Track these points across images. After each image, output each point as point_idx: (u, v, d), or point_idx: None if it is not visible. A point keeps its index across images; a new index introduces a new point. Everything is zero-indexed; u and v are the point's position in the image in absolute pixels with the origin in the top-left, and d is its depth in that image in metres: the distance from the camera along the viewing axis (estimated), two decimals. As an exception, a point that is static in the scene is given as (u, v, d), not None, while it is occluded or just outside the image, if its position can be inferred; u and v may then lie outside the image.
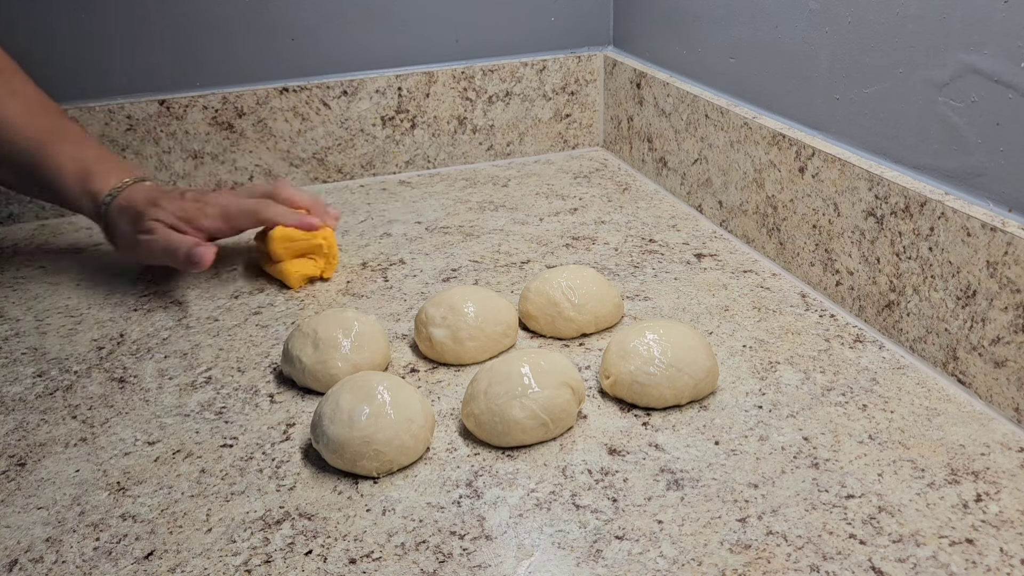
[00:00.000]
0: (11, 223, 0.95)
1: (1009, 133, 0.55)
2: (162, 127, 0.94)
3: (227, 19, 0.94)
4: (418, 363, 0.65)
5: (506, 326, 0.65)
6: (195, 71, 0.95)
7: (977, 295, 0.57)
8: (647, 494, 0.50)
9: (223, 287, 0.78)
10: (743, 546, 0.46)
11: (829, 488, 0.50)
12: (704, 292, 0.74)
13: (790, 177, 0.74)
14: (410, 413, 0.53)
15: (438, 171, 1.06)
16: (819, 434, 0.55)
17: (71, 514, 0.51)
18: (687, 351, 0.58)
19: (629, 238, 0.85)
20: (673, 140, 0.93)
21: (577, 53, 1.07)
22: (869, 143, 0.67)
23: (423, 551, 0.47)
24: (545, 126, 1.09)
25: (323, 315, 0.63)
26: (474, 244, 0.85)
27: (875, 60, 0.65)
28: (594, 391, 0.61)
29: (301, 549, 0.47)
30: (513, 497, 0.51)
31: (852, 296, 0.69)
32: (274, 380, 0.63)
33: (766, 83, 0.79)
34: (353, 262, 0.82)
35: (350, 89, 0.99)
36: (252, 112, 0.96)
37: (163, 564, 0.47)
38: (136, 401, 0.62)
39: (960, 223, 0.57)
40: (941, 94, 0.60)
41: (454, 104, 1.03)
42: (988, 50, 0.55)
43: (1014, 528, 0.47)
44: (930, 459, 0.52)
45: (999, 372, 0.56)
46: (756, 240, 0.80)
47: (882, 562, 0.45)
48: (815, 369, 0.62)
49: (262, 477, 0.53)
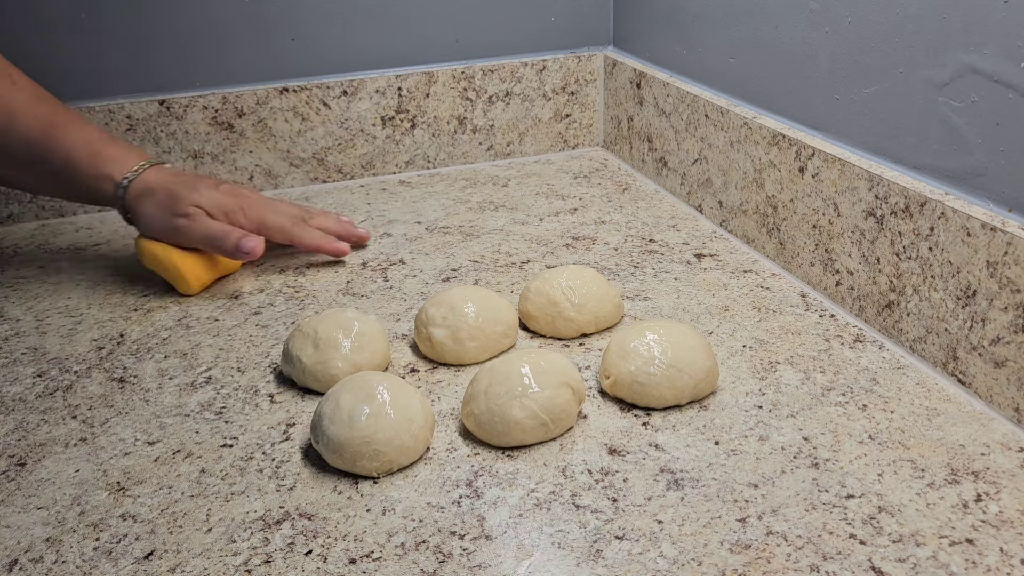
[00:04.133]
0: (11, 223, 0.95)
1: (1009, 133, 0.55)
2: (162, 127, 0.94)
3: (227, 19, 0.94)
4: (418, 363, 0.65)
5: (506, 326, 0.65)
6: (195, 71, 0.95)
7: (977, 295, 0.57)
8: (647, 494, 0.50)
9: (223, 287, 0.78)
10: (743, 546, 0.46)
11: (829, 488, 0.50)
12: (704, 292, 0.74)
13: (790, 177, 0.74)
14: (410, 413, 0.53)
15: (438, 171, 1.06)
16: (819, 434, 0.55)
17: (71, 514, 0.51)
18: (687, 351, 0.58)
19: (629, 238, 0.85)
20: (673, 140, 0.93)
21: (577, 53, 1.07)
22: (869, 143, 0.67)
23: (423, 551, 0.47)
24: (545, 126, 1.09)
25: (323, 315, 0.63)
26: (474, 244, 0.85)
27: (875, 60, 0.65)
28: (594, 391, 0.61)
29: (301, 549, 0.47)
30: (513, 497, 0.51)
31: (852, 296, 0.69)
32: (274, 380, 0.63)
33: (766, 83, 0.79)
34: (353, 262, 0.82)
35: (350, 89, 0.99)
36: (252, 112, 0.96)
37: (163, 564, 0.47)
38: (136, 401, 0.62)
39: (960, 223, 0.57)
40: (941, 94, 0.60)
41: (454, 104, 1.03)
42: (988, 50, 0.55)
43: (1014, 528, 0.47)
44: (930, 459, 0.52)
45: (999, 372, 0.56)
46: (756, 240, 0.80)
47: (882, 562, 0.45)
48: (815, 369, 0.62)
49: (262, 477, 0.53)
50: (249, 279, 0.79)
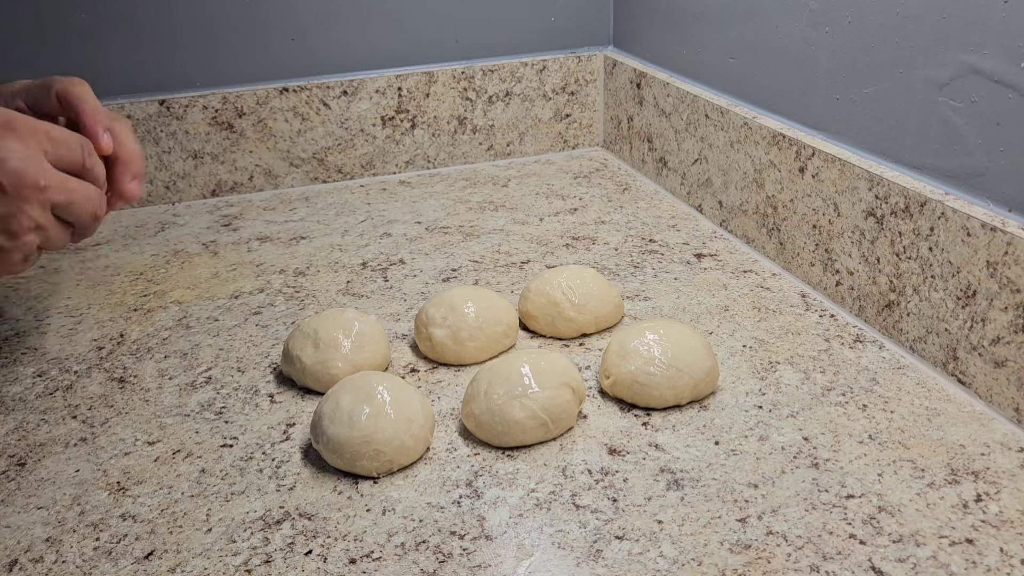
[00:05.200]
0: (11, 223, 0.95)
1: (1009, 133, 0.55)
2: (162, 127, 0.94)
3: (227, 19, 0.94)
4: (418, 363, 0.65)
5: (506, 326, 0.65)
6: (195, 71, 0.95)
7: (977, 295, 0.57)
8: (647, 494, 0.50)
9: (223, 287, 0.78)
10: (743, 546, 0.46)
11: (829, 488, 0.50)
12: (704, 292, 0.74)
13: (790, 177, 0.74)
14: (410, 413, 0.53)
15: (438, 171, 1.06)
16: (819, 434, 0.55)
17: (71, 514, 0.51)
18: (687, 351, 0.58)
19: (629, 238, 0.85)
20: (673, 140, 0.93)
21: (577, 53, 1.07)
22: (869, 143, 0.67)
23: (423, 551, 0.47)
24: (545, 126, 1.09)
25: (323, 315, 0.63)
26: (474, 244, 0.85)
27: (875, 60, 0.65)
28: (594, 391, 0.61)
29: (301, 549, 0.47)
30: (513, 497, 0.51)
31: (852, 296, 0.69)
32: (274, 380, 0.63)
33: (766, 83, 0.79)
34: (353, 262, 0.82)
35: (350, 89, 0.99)
36: (252, 112, 0.96)
37: (163, 564, 0.47)
38: (136, 401, 0.62)
39: (960, 223, 0.57)
40: (941, 94, 0.60)
41: (454, 104, 1.03)
42: (988, 50, 0.55)
43: (1014, 528, 0.47)
44: (930, 459, 0.52)
45: (999, 372, 0.56)
46: (756, 240, 0.80)
47: (882, 562, 0.45)
48: (815, 369, 0.62)
49: (262, 477, 0.53)
50: (249, 279, 0.79)
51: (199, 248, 0.86)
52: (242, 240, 0.87)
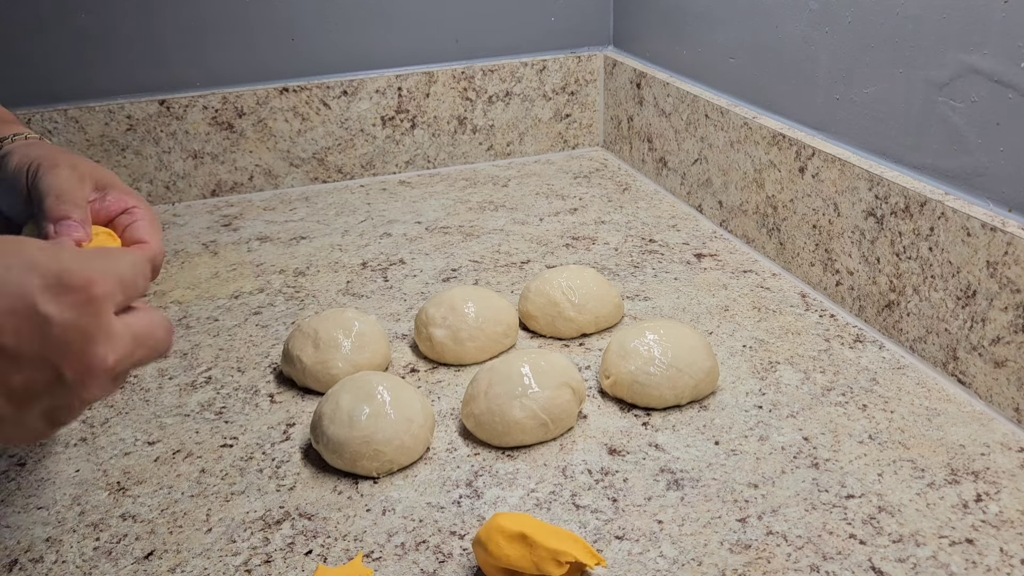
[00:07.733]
0: (11, 223, 0.95)
1: (1009, 133, 0.55)
2: (162, 127, 0.94)
3: (227, 19, 0.94)
4: (418, 363, 0.65)
5: (506, 326, 0.65)
6: (195, 71, 0.94)
7: (977, 295, 0.57)
8: (647, 494, 0.50)
9: (223, 287, 0.78)
10: (743, 546, 0.46)
11: (829, 488, 0.50)
12: (704, 292, 0.74)
13: (790, 177, 0.74)
14: (410, 413, 0.53)
15: (438, 171, 1.06)
16: (819, 434, 0.55)
17: (71, 514, 0.51)
18: (687, 351, 0.58)
19: (629, 238, 0.85)
20: (673, 140, 0.93)
21: (577, 53, 1.07)
22: (869, 143, 0.67)
23: (423, 551, 0.47)
24: (545, 126, 1.09)
25: (323, 315, 0.63)
26: (474, 244, 0.85)
27: (875, 60, 0.65)
28: (594, 391, 0.61)
29: (301, 549, 0.47)
30: (513, 497, 0.51)
31: (852, 296, 0.69)
32: (274, 380, 0.63)
33: (766, 83, 0.79)
34: (353, 262, 0.82)
35: (350, 89, 0.99)
36: (252, 112, 0.96)
37: (163, 564, 0.47)
38: (136, 401, 0.62)
39: (960, 223, 0.57)
40: (941, 94, 0.60)
41: (454, 104, 1.03)
42: (988, 50, 0.55)
43: (1014, 528, 0.47)
44: (930, 459, 0.52)
45: (999, 372, 0.56)
46: (756, 240, 0.80)
47: (882, 562, 0.45)
48: (815, 369, 0.62)
49: (262, 477, 0.53)
50: (249, 279, 0.79)
51: (199, 248, 0.86)
52: (242, 240, 0.87)
